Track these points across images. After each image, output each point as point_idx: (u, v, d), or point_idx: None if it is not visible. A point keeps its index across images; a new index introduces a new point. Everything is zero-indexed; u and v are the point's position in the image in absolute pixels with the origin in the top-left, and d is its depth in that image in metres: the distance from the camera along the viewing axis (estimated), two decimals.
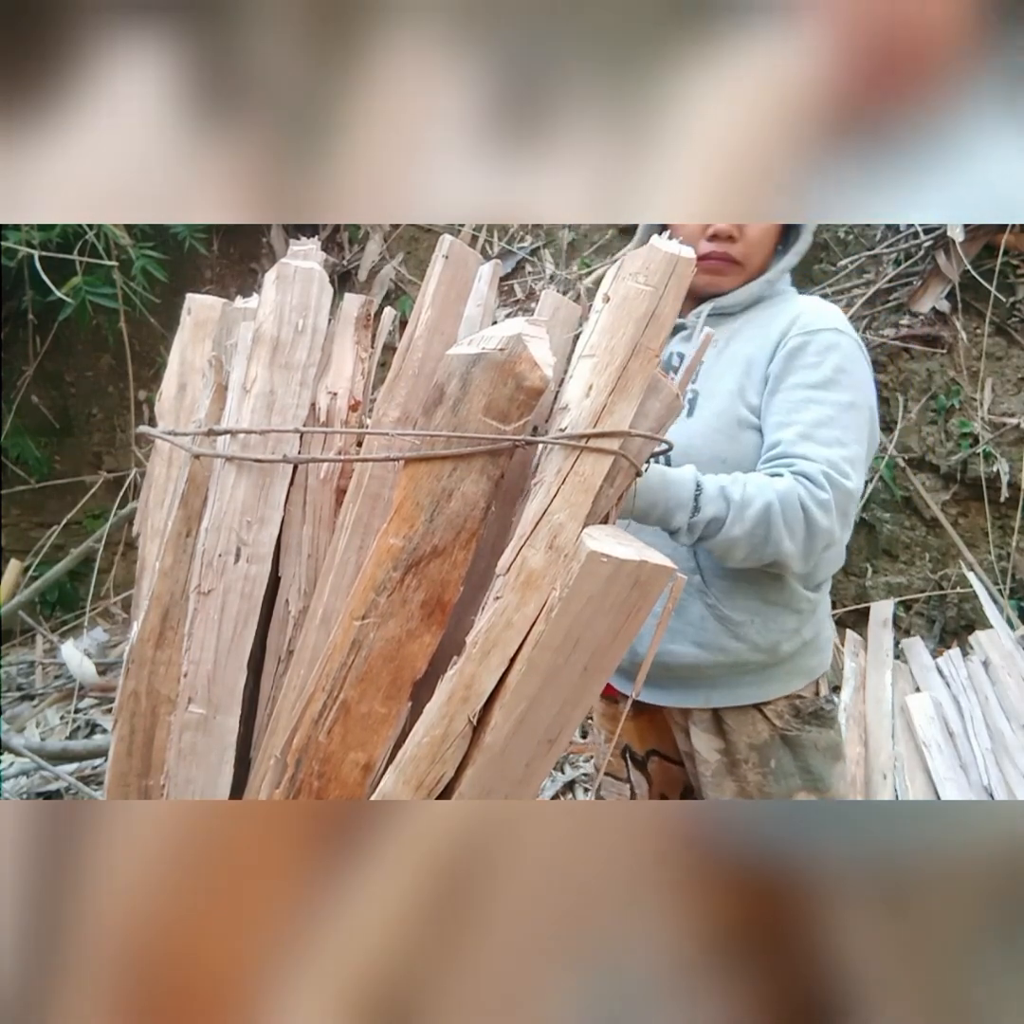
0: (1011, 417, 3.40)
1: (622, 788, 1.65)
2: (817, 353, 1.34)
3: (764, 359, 1.38)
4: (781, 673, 1.42)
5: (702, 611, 1.38)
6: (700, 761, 1.46)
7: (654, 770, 1.62)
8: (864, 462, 1.34)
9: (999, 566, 3.44)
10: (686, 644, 1.39)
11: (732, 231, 1.40)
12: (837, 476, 1.25)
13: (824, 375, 1.32)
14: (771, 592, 1.38)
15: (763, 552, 1.23)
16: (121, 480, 4.07)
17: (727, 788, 1.44)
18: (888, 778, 2.50)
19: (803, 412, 1.31)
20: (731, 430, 1.37)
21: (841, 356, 1.34)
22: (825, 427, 1.29)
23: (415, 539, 0.87)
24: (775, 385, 1.35)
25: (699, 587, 1.38)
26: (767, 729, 1.41)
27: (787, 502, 1.22)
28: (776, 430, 1.32)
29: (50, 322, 3.88)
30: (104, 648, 3.81)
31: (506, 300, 3.88)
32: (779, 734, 1.41)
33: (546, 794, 2.73)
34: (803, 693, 1.43)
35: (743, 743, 1.42)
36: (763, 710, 1.41)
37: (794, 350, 1.35)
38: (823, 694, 1.47)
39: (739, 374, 1.39)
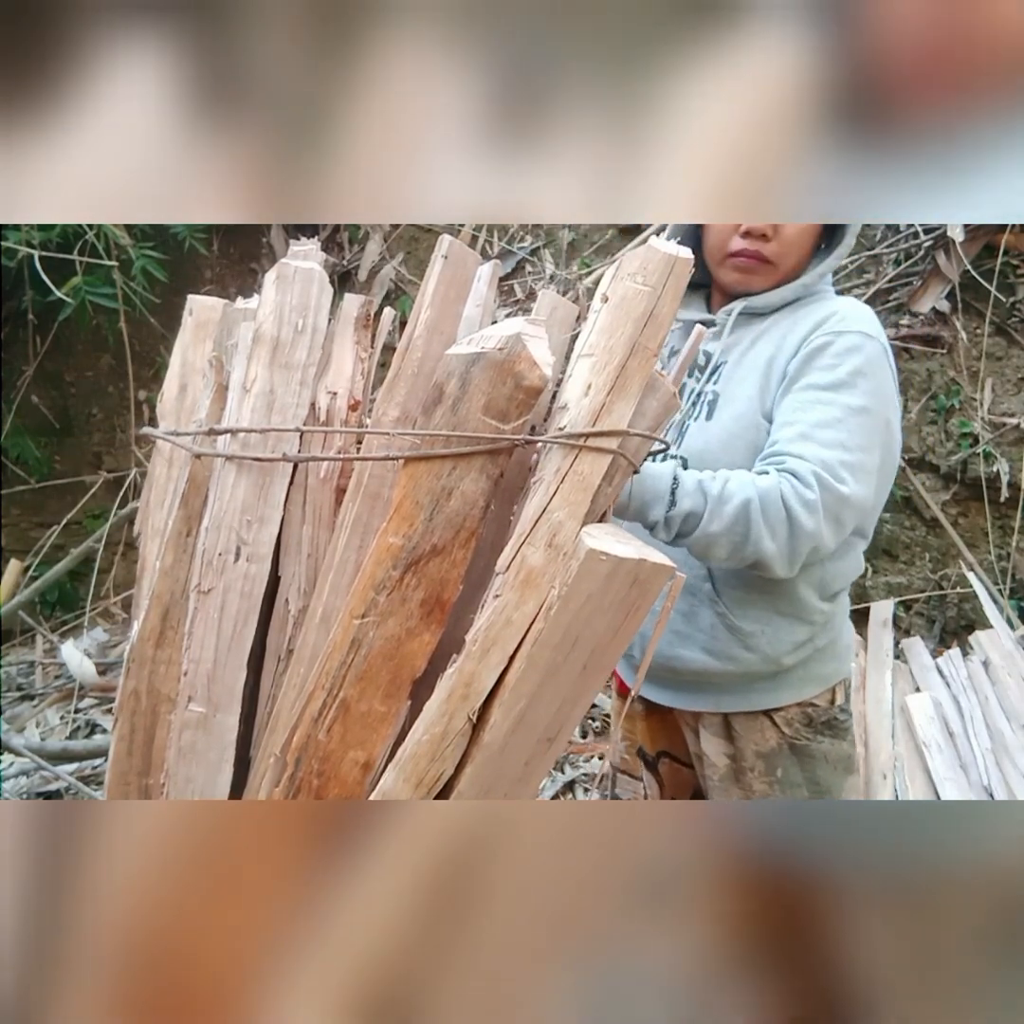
0: (1011, 417, 3.40)
1: (636, 786, 1.63)
2: (836, 355, 1.27)
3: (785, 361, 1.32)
4: (793, 679, 1.39)
5: (712, 619, 1.35)
6: (708, 764, 1.44)
7: (665, 772, 1.61)
8: (872, 471, 1.26)
9: (999, 566, 3.44)
10: (696, 650, 1.37)
11: (766, 229, 1.33)
12: (829, 478, 1.19)
13: (838, 377, 1.26)
14: (783, 603, 1.34)
15: (744, 551, 1.18)
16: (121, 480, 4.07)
17: (733, 795, 1.42)
18: (888, 778, 2.50)
19: (808, 412, 1.25)
20: (750, 435, 1.32)
21: (862, 360, 1.27)
22: (829, 428, 1.23)
23: (415, 538, 0.87)
24: (789, 386, 1.30)
25: (710, 595, 1.35)
26: (775, 737, 1.38)
27: (768, 499, 1.17)
28: (778, 429, 1.27)
29: (50, 322, 3.88)
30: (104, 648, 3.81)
31: (506, 300, 3.88)
32: (787, 742, 1.38)
33: (546, 794, 2.73)
34: (817, 701, 1.40)
35: (750, 750, 1.40)
36: (773, 717, 1.39)
37: (815, 350, 1.29)
38: (838, 703, 1.42)
39: (759, 377, 1.34)
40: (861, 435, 1.24)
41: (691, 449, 1.37)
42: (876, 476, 1.28)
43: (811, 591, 1.35)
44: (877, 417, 1.27)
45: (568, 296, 3.49)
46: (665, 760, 1.61)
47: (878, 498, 1.33)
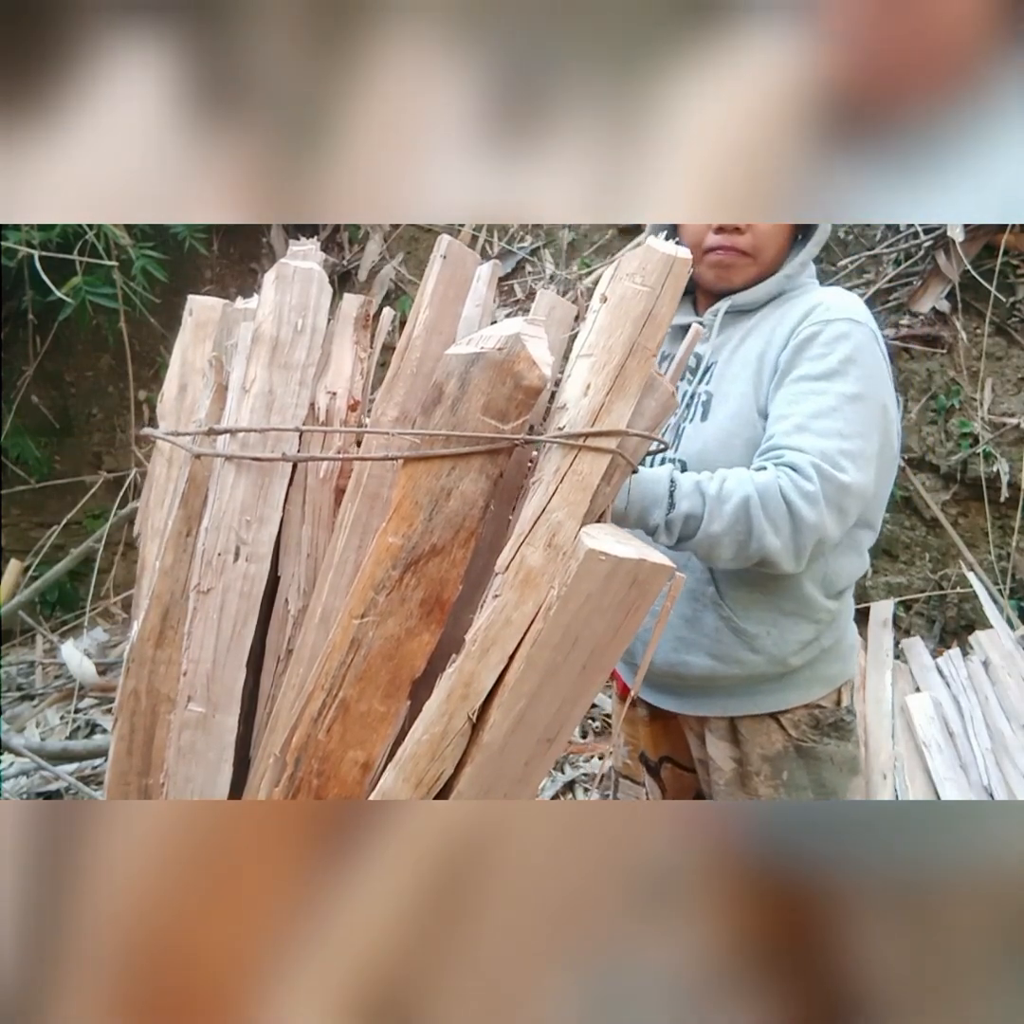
0: (1011, 417, 3.40)
1: (639, 791, 1.63)
2: (825, 344, 1.26)
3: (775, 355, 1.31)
4: (800, 680, 1.38)
5: (717, 623, 1.34)
6: (714, 769, 1.43)
7: (667, 777, 1.60)
8: (872, 458, 1.25)
9: (999, 566, 3.44)
10: (702, 655, 1.36)
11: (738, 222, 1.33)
12: (828, 468, 1.17)
13: (829, 365, 1.25)
14: (787, 602, 1.33)
15: (748, 549, 1.17)
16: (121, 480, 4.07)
17: (738, 799, 1.41)
18: (888, 778, 2.50)
19: (803, 403, 1.24)
20: (747, 432, 1.31)
21: (852, 347, 1.26)
22: (825, 418, 1.22)
23: (414, 538, 0.87)
24: (780, 379, 1.29)
25: (714, 599, 1.34)
26: (781, 739, 1.38)
27: (767, 494, 1.15)
28: (774, 424, 1.26)
29: (50, 322, 3.88)
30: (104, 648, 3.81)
31: (506, 300, 3.88)
32: (794, 745, 1.38)
33: (546, 794, 2.73)
34: (823, 703, 1.39)
35: (755, 754, 1.39)
36: (779, 719, 1.38)
37: (803, 341, 1.28)
38: (844, 704, 1.42)
39: (751, 373, 1.33)
40: (857, 422, 1.23)
41: (689, 451, 1.36)
42: (876, 462, 1.27)
43: (816, 588, 1.34)
44: (872, 402, 1.26)
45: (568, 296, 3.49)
46: (668, 765, 1.60)
47: (879, 485, 1.32)
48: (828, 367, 1.25)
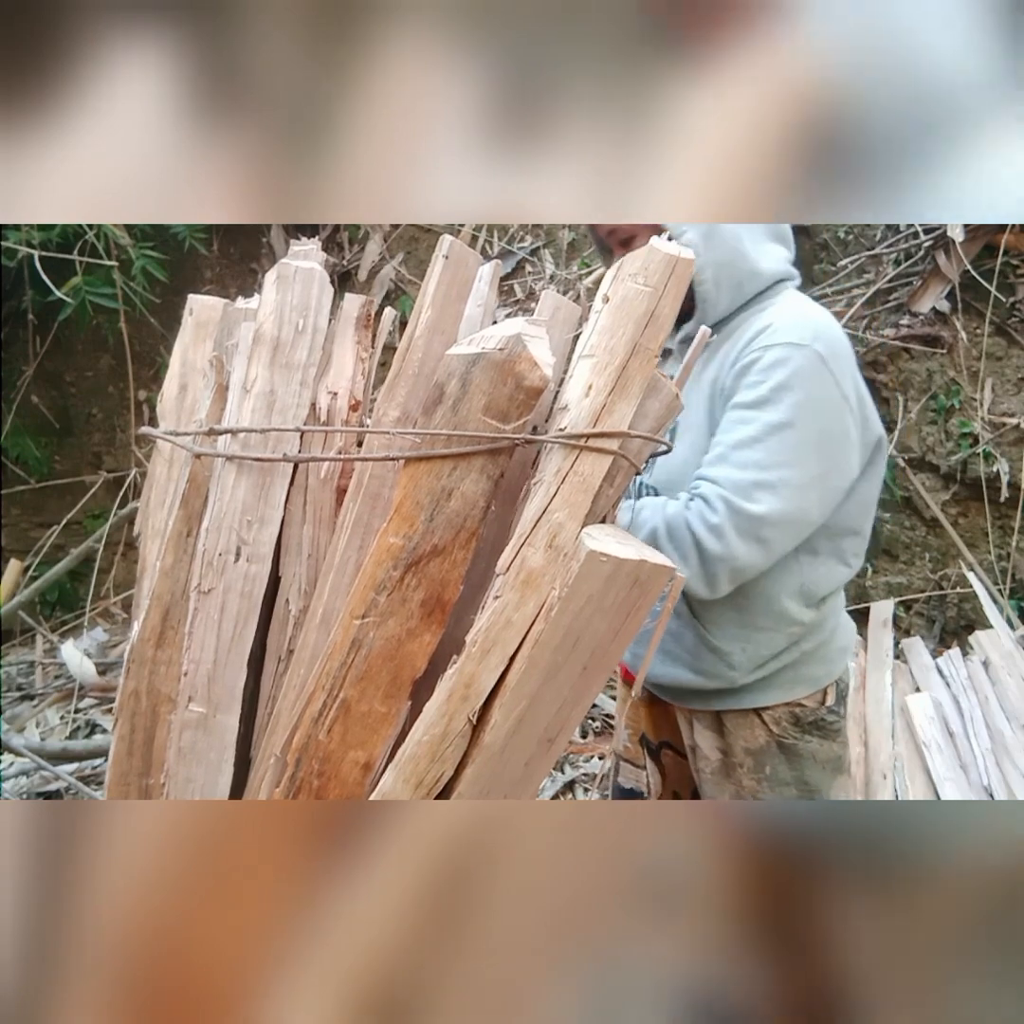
0: (1011, 417, 3.41)
1: (639, 775, 1.65)
2: (761, 371, 1.24)
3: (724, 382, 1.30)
4: (783, 680, 1.40)
5: (695, 640, 1.38)
6: (701, 757, 1.46)
7: (667, 763, 1.63)
8: (804, 485, 1.23)
9: (999, 566, 3.44)
10: (683, 669, 1.40)
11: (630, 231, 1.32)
12: (737, 500, 1.18)
13: (760, 394, 1.23)
14: (761, 618, 1.35)
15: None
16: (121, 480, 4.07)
17: (724, 789, 1.44)
18: (888, 778, 2.50)
19: (730, 433, 1.24)
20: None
21: (788, 373, 1.23)
22: (746, 448, 1.21)
23: (415, 538, 0.87)
24: (723, 406, 1.28)
25: (689, 617, 1.37)
26: (764, 735, 1.40)
27: (673, 526, 1.19)
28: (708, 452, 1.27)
29: (50, 322, 3.88)
30: (104, 648, 3.81)
31: (506, 300, 3.88)
32: (775, 741, 1.40)
33: (546, 794, 2.73)
34: (805, 702, 1.41)
35: (739, 746, 1.42)
36: (762, 715, 1.41)
37: (742, 369, 1.27)
38: (828, 704, 1.43)
39: (706, 401, 1.33)
40: (782, 451, 1.21)
41: (659, 479, 1.39)
42: (816, 487, 1.24)
43: (793, 601, 1.34)
44: (802, 430, 1.23)
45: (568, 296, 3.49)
46: (667, 751, 1.63)
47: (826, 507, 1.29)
48: (759, 395, 1.24)
